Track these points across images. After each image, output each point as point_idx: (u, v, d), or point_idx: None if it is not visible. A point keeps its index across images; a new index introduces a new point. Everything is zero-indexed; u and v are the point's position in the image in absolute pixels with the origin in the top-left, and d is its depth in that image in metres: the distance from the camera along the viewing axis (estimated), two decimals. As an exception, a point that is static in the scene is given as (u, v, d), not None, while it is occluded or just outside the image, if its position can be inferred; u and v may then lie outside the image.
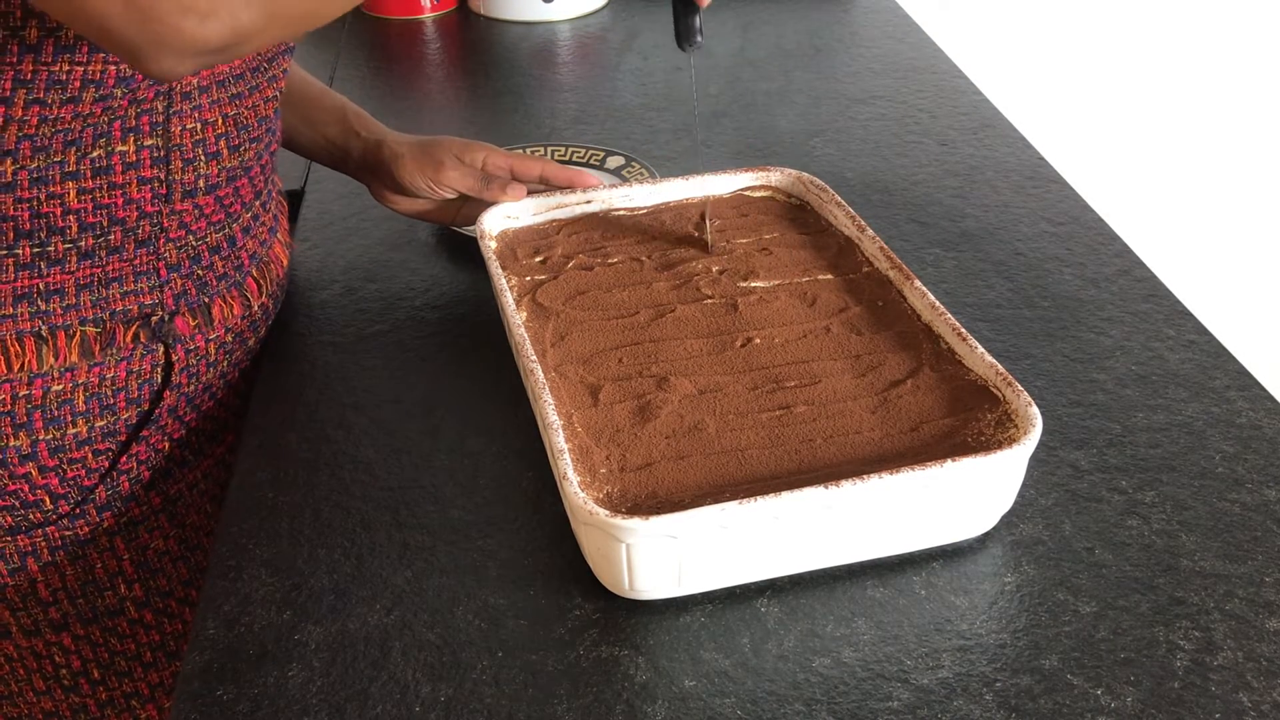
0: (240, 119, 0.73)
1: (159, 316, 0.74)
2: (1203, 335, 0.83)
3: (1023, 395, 0.65)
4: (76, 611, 0.79)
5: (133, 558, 0.80)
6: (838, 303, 0.78)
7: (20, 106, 0.63)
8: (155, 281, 0.73)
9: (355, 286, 0.92)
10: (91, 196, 0.68)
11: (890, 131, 1.16)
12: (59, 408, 0.72)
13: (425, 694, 0.58)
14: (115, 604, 0.80)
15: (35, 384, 0.70)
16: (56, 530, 0.76)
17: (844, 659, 0.59)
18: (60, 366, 0.71)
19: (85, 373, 0.72)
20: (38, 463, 0.73)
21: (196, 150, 0.71)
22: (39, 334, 0.70)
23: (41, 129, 0.64)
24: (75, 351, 0.71)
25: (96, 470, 0.76)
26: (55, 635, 0.79)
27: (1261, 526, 0.67)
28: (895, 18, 1.47)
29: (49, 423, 0.72)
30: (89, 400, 0.73)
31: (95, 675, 0.81)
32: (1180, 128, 1.88)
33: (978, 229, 0.98)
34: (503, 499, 0.70)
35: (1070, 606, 0.62)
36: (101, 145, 0.67)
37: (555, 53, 1.41)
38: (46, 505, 0.75)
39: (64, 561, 0.77)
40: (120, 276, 0.72)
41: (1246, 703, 0.57)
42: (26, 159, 0.65)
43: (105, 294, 0.71)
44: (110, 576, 0.79)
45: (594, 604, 0.63)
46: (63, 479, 0.74)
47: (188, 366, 0.77)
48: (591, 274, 0.81)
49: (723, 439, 0.66)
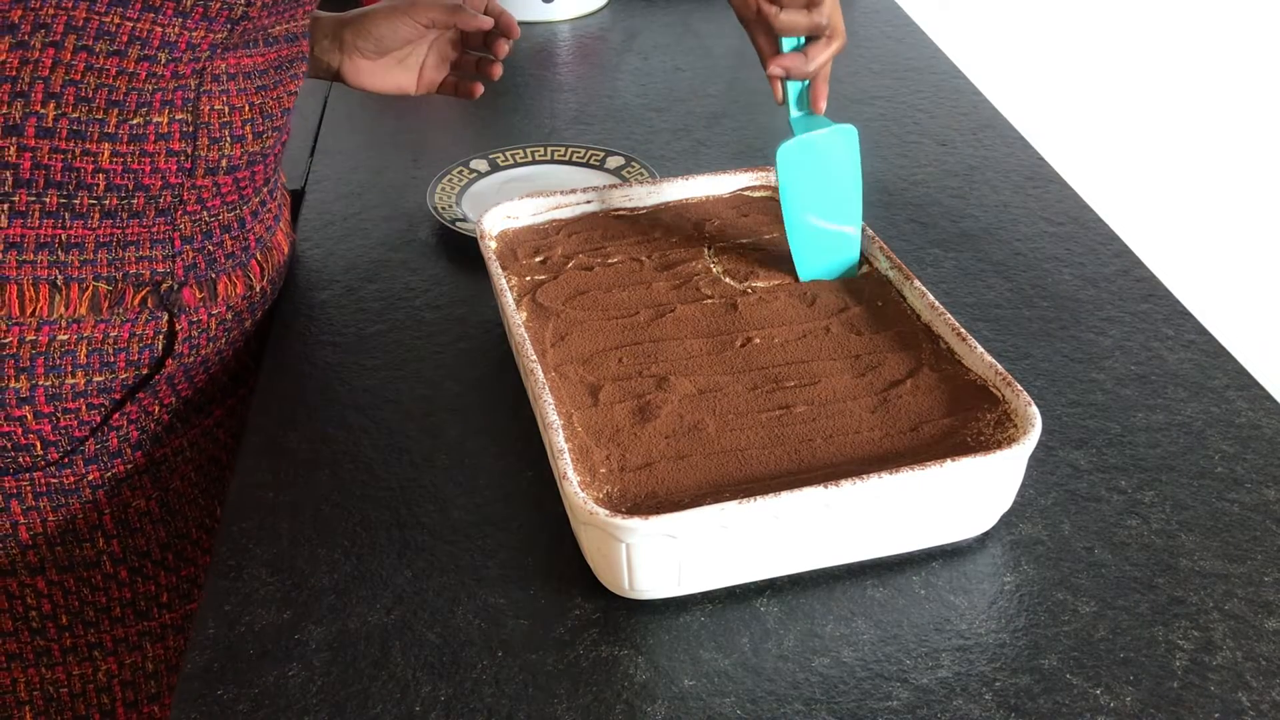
0: (265, 107, 0.77)
1: (168, 285, 0.77)
2: (1202, 335, 0.83)
3: (1022, 395, 0.65)
4: (54, 558, 0.81)
5: (113, 513, 0.81)
6: (837, 303, 0.78)
7: (70, 51, 0.67)
8: (169, 251, 0.76)
9: (355, 286, 0.92)
10: (123, 160, 0.71)
11: (890, 132, 1.16)
12: (61, 357, 0.74)
13: (425, 693, 0.58)
14: (93, 556, 0.82)
15: (43, 330, 0.73)
16: (43, 476, 0.78)
17: (844, 659, 0.60)
18: (69, 317, 0.73)
19: (91, 327, 0.74)
20: (34, 407, 0.75)
21: (223, 131, 0.74)
22: (54, 283, 0.73)
23: (88, 76, 0.68)
24: (85, 305, 0.74)
25: (88, 423, 0.77)
26: (30, 578, 0.81)
27: (1261, 526, 0.67)
28: (895, 18, 1.47)
29: (49, 369, 0.74)
30: (90, 354, 0.75)
31: (63, 621, 0.83)
32: (1180, 128, 1.88)
33: (977, 229, 0.98)
34: (503, 499, 0.70)
35: (1069, 606, 0.62)
36: (142, 114, 0.70)
37: (555, 53, 1.41)
38: (37, 450, 0.77)
39: (47, 508, 0.79)
40: (137, 240, 0.74)
41: (1245, 702, 0.57)
42: (69, 106, 0.68)
43: (122, 255, 0.74)
44: (90, 529, 0.81)
45: (594, 604, 0.63)
46: (55, 426, 0.76)
47: (190, 337, 0.79)
48: (591, 274, 0.81)
49: (723, 439, 0.66)
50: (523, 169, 1.07)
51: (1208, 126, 1.89)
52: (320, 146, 1.16)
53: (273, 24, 0.75)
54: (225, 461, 0.87)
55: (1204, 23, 1.82)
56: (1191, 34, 1.82)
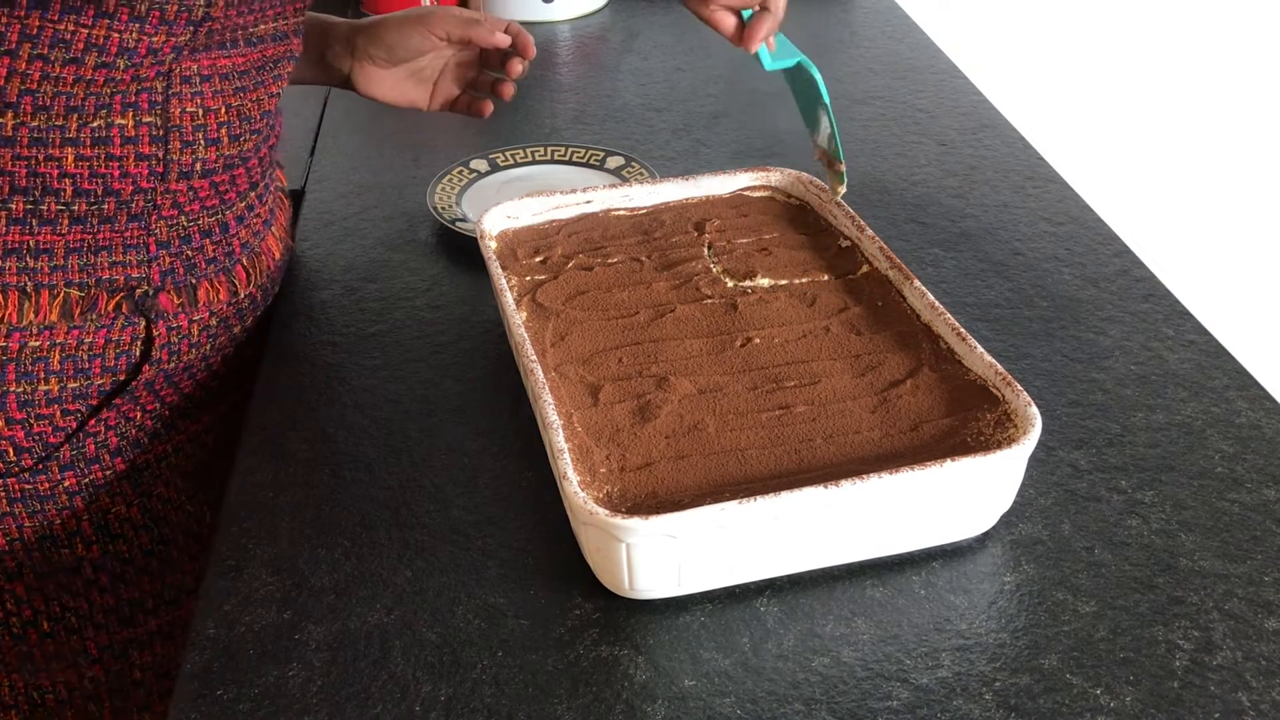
0: (244, 110, 0.75)
1: (143, 290, 0.76)
2: (1202, 335, 0.83)
3: (1022, 395, 0.65)
4: (32, 563, 0.80)
5: (92, 520, 0.81)
6: (837, 303, 0.78)
7: (24, 60, 0.65)
8: (144, 256, 0.75)
9: (355, 286, 0.92)
10: (89, 164, 0.70)
11: (890, 131, 1.16)
12: (33, 364, 0.73)
13: (425, 693, 0.58)
14: (72, 562, 0.81)
15: (13, 337, 0.72)
16: (17, 483, 0.77)
17: (843, 659, 0.60)
18: (39, 324, 0.73)
19: (64, 333, 0.74)
20: (5, 414, 0.74)
21: (197, 134, 0.73)
22: (23, 289, 0.72)
23: (44, 85, 0.66)
24: (56, 311, 0.73)
25: (63, 429, 0.77)
26: (8, 583, 0.80)
27: (1260, 526, 0.67)
28: (895, 18, 1.47)
29: (21, 376, 0.73)
30: (64, 361, 0.74)
31: (45, 627, 0.82)
32: (1180, 127, 1.88)
33: (977, 229, 0.98)
34: (503, 499, 0.70)
35: (1069, 606, 0.62)
36: (102, 116, 0.69)
37: (555, 53, 1.41)
38: (9, 456, 0.76)
39: (22, 514, 0.78)
40: (110, 245, 0.73)
41: (1245, 702, 0.57)
42: (27, 115, 0.67)
43: (94, 260, 0.73)
44: (68, 535, 0.80)
45: (594, 604, 0.63)
46: (29, 433, 0.76)
47: (169, 344, 0.78)
48: (591, 274, 0.81)
49: (722, 439, 0.66)
50: (523, 169, 1.07)
51: (1207, 126, 1.89)
52: (320, 146, 1.16)
53: (253, 23, 0.73)
54: (216, 467, 0.86)
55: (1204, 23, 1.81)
56: (1191, 34, 1.82)
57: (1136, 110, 1.87)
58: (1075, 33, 1.82)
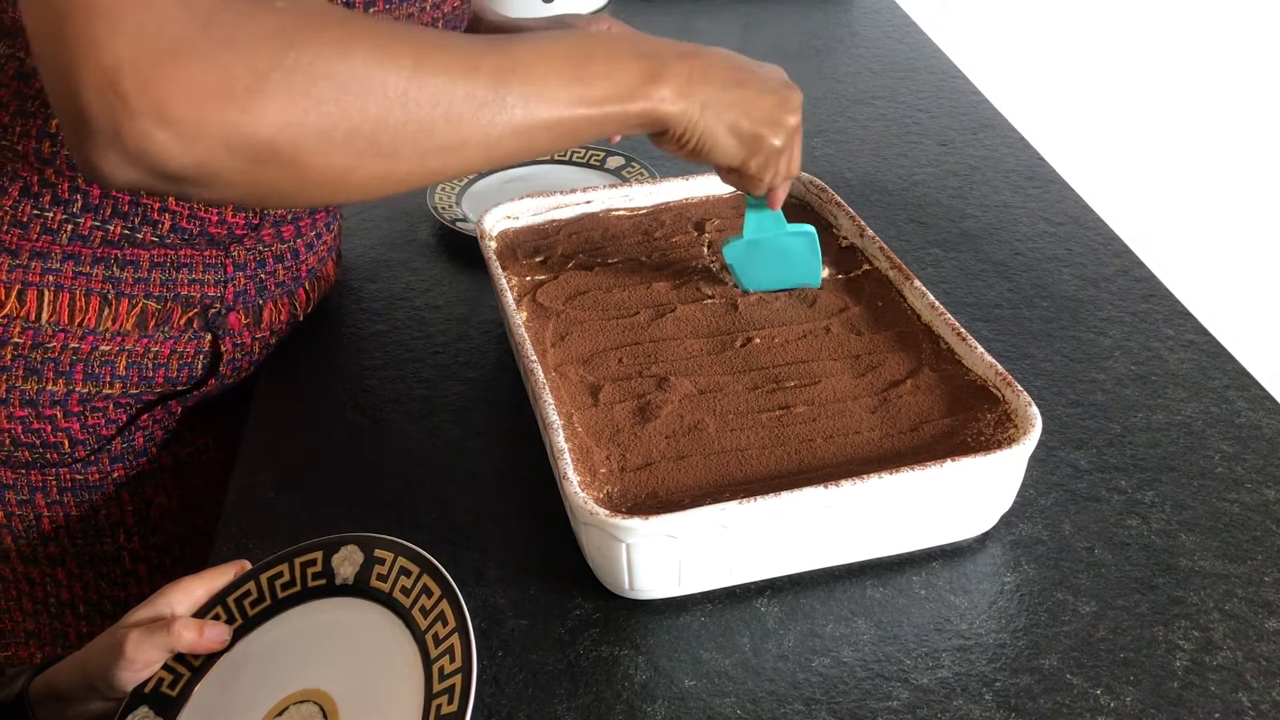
0: None
1: (216, 309, 0.78)
2: (1202, 335, 0.83)
3: (1022, 395, 0.65)
4: (75, 550, 0.82)
5: (136, 511, 0.83)
6: (837, 303, 0.78)
7: None
8: (221, 276, 0.77)
9: (355, 286, 0.92)
10: (190, 206, 0.72)
11: (890, 132, 1.16)
12: (101, 366, 0.75)
13: (425, 694, 0.58)
14: (113, 551, 0.83)
15: (87, 339, 0.74)
16: (69, 473, 0.79)
17: (844, 659, 0.60)
18: (114, 330, 0.74)
19: (134, 341, 0.75)
20: (65, 408, 0.76)
21: None
22: (105, 296, 0.74)
23: None
24: (132, 320, 0.75)
25: (115, 422, 0.79)
26: (51, 568, 0.82)
27: (1261, 526, 0.67)
28: (895, 18, 1.47)
29: (88, 377, 0.75)
30: (130, 367, 0.76)
31: (81, 610, 0.84)
32: (1180, 127, 1.88)
33: (977, 229, 0.98)
34: (503, 499, 0.70)
35: (1070, 606, 0.62)
36: None
37: (555, 53, 1.41)
38: (65, 448, 0.78)
39: (70, 503, 0.80)
40: (190, 264, 0.76)
41: (1246, 702, 0.57)
42: None
43: (175, 276, 0.75)
44: (112, 525, 0.82)
45: (594, 604, 0.63)
46: (84, 425, 0.78)
47: (233, 359, 0.81)
48: (591, 274, 0.81)
49: (723, 439, 0.66)
50: (523, 169, 1.07)
51: (1207, 126, 1.89)
52: (320, 146, 1.16)
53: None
54: None
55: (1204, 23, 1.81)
56: (1191, 34, 1.82)
57: (1137, 110, 1.87)
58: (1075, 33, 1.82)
